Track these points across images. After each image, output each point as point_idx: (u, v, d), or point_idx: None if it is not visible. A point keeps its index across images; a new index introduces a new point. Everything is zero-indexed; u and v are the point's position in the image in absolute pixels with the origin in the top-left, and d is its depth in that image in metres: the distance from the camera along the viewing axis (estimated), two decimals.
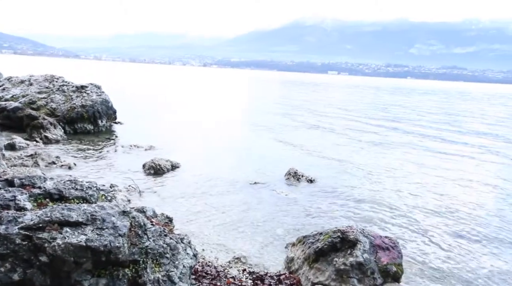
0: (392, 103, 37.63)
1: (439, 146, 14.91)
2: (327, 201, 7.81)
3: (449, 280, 5.00)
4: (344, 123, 20.05)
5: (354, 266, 4.25)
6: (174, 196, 7.60)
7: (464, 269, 5.33)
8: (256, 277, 4.69)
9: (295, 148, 12.99)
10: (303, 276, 4.62)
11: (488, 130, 20.35)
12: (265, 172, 9.73)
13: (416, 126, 20.37)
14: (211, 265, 4.90)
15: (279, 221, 6.73)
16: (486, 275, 5.20)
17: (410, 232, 6.49)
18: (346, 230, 4.59)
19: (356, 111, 26.77)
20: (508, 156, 13.67)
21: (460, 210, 7.69)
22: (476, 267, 5.42)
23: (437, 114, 28.35)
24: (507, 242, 6.30)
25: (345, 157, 11.96)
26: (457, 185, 9.49)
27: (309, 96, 42.84)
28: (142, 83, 49.96)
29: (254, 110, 25.19)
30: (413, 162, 11.80)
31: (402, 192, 8.69)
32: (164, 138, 13.05)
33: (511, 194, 9.01)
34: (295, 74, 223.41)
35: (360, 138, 15.48)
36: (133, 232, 3.09)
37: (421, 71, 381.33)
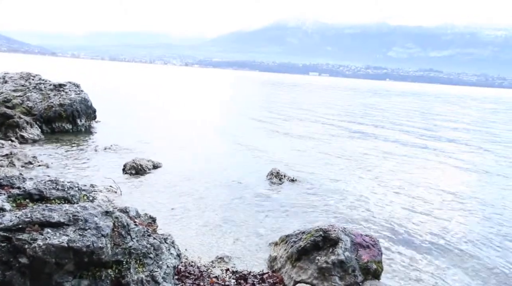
0: (372, 105, 38.36)
1: (418, 145, 15.30)
2: (309, 200, 7.91)
3: (427, 281, 5.16)
4: (326, 124, 20.32)
5: (336, 264, 4.33)
6: (157, 196, 7.54)
7: (443, 271, 5.50)
8: (239, 276, 4.71)
9: (277, 148, 13.08)
10: (286, 275, 4.68)
11: (460, 131, 21.05)
12: (247, 172, 9.76)
13: (396, 128, 20.85)
14: (194, 265, 4.89)
15: (262, 220, 6.78)
16: (463, 273, 5.39)
17: (390, 230, 6.65)
18: (328, 229, 4.67)
19: (339, 113, 27.16)
20: (479, 155, 14.18)
21: (439, 209, 7.93)
22: (453, 264, 5.61)
23: (415, 116, 29.08)
24: (484, 240, 6.54)
25: (327, 157, 12.13)
26: (435, 185, 9.77)
27: (291, 97, 43.16)
28: (122, 82, 49.12)
29: (237, 111, 25.18)
30: (394, 162, 12.07)
31: (383, 191, 8.89)
32: (145, 138, 12.89)
33: (486, 193, 9.36)
34: (277, 75, 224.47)
35: (342, 140, 15.73)
36: (116, 232, 3.06)
37: (399, 74, 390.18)
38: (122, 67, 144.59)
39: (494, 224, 7.30)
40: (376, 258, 4.59)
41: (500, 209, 8.24)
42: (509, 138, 19.20)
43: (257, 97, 40.24)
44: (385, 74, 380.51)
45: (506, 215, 7.85)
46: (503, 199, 8.94)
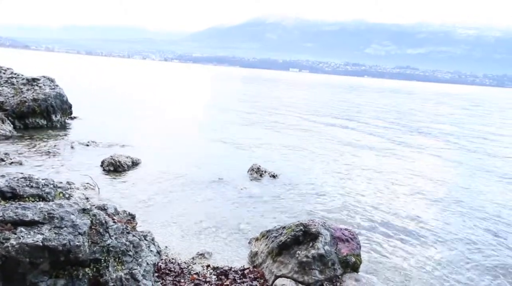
0: (351, 101, 38.94)
1: (394, 140, 15.65)
2: (290, 195, 7.97)
3: (404, 270, 5.30)
4: (305, 119, 20.49)
5: (316, 258, 4.39)
6: (136, 193, 7.41)
7: (418, 259, 5.67)
8: (220, 272, 4.71)
9: (258, 144, 13.10)
10: (267, 270, 4.71)
11: (433, 126, 21.68)
12: (228, 168, 9.74)
13: (373, 123, 21.25)
14: (174, 262, 4.85)
15: (243, 216, 6.78)
16: (440, 262, 5.57)
17: (369, 223, 6.79)
18: (308, 224, 4.72)
19: (317, 109, 27.43)
20: (449, 149, 14.65)
21: (415, 201, 8.15)
22: (430, 254, 5.79)
23: (391, 112, 29.71)
24: (459, 234, 6.77)
25: (306, 152, 12.24)
26: (411, 177, 10.03)
27: (272, 93, 43.25)
28: (99, 76, 47.89)
29: (218, 106, 25.03)
30: (371, 156, 12.31)
31: (361, 185, 9.06)
32: (124, 134, 12.64)
33: (457, 183, 9.69)
34: (258, 71, 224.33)
35: (321, 134, 15.91)
36: (94, 230, 2.99)
37: (377, 71, 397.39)
38: (99, 61, 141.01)
39: (468, 213, 7.56)
40: (355, 251, 4.69)
41: (472, 198, 8.54)
42: (476, 133, 19.91)
43: (238, 93, 40.12)
44: (363, 71, 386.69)
45: (478, 204, 8.14)
46: (474, 189, 9.28)
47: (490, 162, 13.01)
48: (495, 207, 8.24)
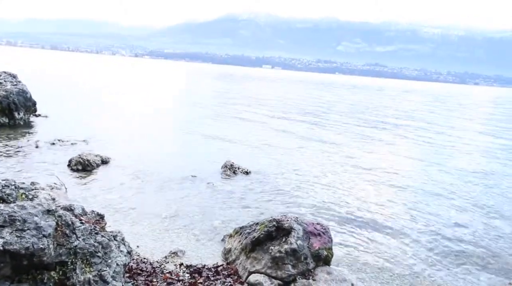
0: (322, 97, 39.55)
1: (362, 134, 16.06)
2: (263, 192, 8.01)
3: (374, 261, 5.46)
4: (278, 116, 20.62)
5: (289, 253, 4.44)
6: (106, 192, 7.22)
7: (387, 250, 5.85)
8: (193, 270, 4.67)
9: (231, 141, 13.07)
10: (240, 266, 4.72)
11: (398, 121, 22.43)
12: (201, 165, 9.66)
13: (342, 119, 21.69)
14: (146, 262, 4.77)
15: (216, 213, 6.76)
16: (407, 253, 5.78)
17: (340, 217, 6.94)
18: (281, 219, 4.76)
19: (290, 105, 27.68)
20: (414, 142, 15.22)
21: (384, 194, 8.40)
22: (397, 248, 5.99)
23: (359, 108, 30.43)
24: (424, 224, 7.04)
25: (279, 148, 12.33)
26: (379, 170, 10.33)
27: (245, 89, 43.21)
28: (66, 72, 46.08)
29: (189, 103, 24.73)
30: (341, 151, 12.56)
31: (332, 180, 9.23)
32: (92, 131, 12.25)
33: (420, 175, 10.07)
34: (231, 67, 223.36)
35: (292, 131, 16.07)
36: (60, 231, 2.88)
37: (348, 68, 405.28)
38: (65, 56, 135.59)
39: (431, 204, 7.87)
40: (327, 245, 4.78)
41: (435, 189, 8.90)
42: (437, 128, 20.76)
43: (211, 89, 39.80)
44: (334, 68, 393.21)
45: (441, 194, 8.49)
46: (436, 180, 9.66)
47: (449, 154, 13.60)
48: (456, 197, 8.62)
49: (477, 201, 8.48)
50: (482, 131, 21.39)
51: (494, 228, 6.99)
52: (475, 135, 19.20)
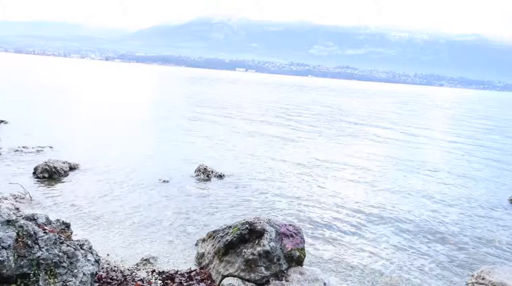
0: (295, 99, 40.02)
1: (334, 136, 16.37)
2: (237, 195, 8.00)
3: (346, 260, 5.57)
4: (251, 119, 20.68)
5: (262, 255, 4.45)
6: (73, 200, 6.98)
7: (359, 249, 5.98)
8: (166, 276, 4.60)
9: (204, 144, 12.98)
10: (214, 270, 4.68)
11: (366, 121, 23.06)
12: (173, 169, 9.54)
13: (312, 119, 22.04)
14: (117, 270, 4.65)
15: (190, 218, 6.68)
16: (375, 255, 5.92)
17: (312, 217, 7.04)
18: (253, 221, 4.77)
19: (263, 108, 27.82)
20: (384, 142, 15.69)
21: (355, 194, 8.58)
22: (367, 245, 6.13)
23: (332, 110, 31.03)
24: (392, 222, 7.24)
25: (252, 151, 12.37)
26: (347, 171, 10.55)
27: (218, 93, 43.05)
28: (30, 76, 44.26)
29: (161, 107, 24.37)
30: (311, 151, 12.74)
31: (305, 180, 9.35)
32: (59, 137, 11.83)
33: (388, 173, 10.38)
34: (204, 71, 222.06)
35: (266, 133, 16.16)
36: (21, 242, 2.76)
37: (320, 70, 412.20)
38: (30, 60, 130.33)
39: (399, 202, 8.13)
40: (299, 245, 4.82)
41: (402, 187, 9.19)
42: (405, 127, 21.50)
43: (184, 93, 39.39)
44: (307, 71, 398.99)
45: (412, 194, 8.78)
46: (403, 178, 9.99)
47: (415, 153, 14.10)
48: (423, 194, 8.94)
49: (443, 197, 8.81)
50: (444, 130, 22.31)
51: (459, 224, 7.30)
52: (437, 134, 19.99)
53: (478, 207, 8.27)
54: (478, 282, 4.81)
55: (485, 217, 7.71)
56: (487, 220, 7.55)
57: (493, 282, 4.65)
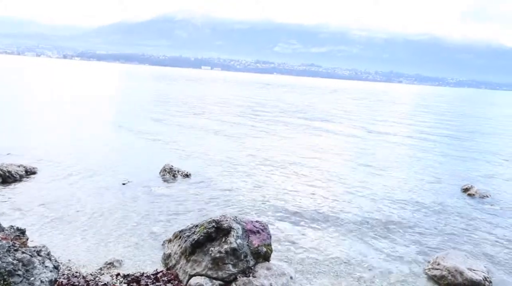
0: (260, 97, 40.25)
1: (297, 131, 16.66)
2: (204, 193, 7.95)
3: (312, 254, 5.70)
4: (215, 118, 20.58)
5: (229, 253, 4.47)
6: (30, 205, 6.64)
7: (324, 243, 6.14)
8: (131, 279, 4.50)
9: (169, 144, 12.78)
10: (181, 270, 4.64)
11: (329, 117, 23.69)
12: (138, 170, 9.31)
13: (276, 116, 22.30)
14: (79, 275, 4.49)
15: (155, 218, 6.57)
16: (339, 247, 6.10)
17: (278, 213, 7.13)
18: (220, 220, 4.78)
19: (227, 106, 27.76)
20: (343, 137, 16.20)
21: (318, 189, 8.79)
22: (333, 239, 6.31)
23: (297, 107, 31.53)
24: (355, 215, 7.49)
25: (217, 149, 12.32)
26: (310, 166, 10.79)
27: (184, 91, 42.41)
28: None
29: (123, 107, 23.68)
30: (274, 148, 12.89)
31: (269, 178, 9.44)
32: (15, 140, 11.20)
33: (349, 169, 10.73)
34: (168, 69, 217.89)
35: (230, 132, 16.16)
36: None
37: (285, 68, 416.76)
38: None
39: (359, 195, 8.42)
40: (266, 241, 4.89)
41: (362, 180, 9.53)
42: (363, 122, 22.32)
43: (148, 91, 38.45)
44: (272, 68, 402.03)
45: (367, 185, 9.12)
46: (361, 173, 10.37)
47: (371, 148, 14.67)
48: (378, 188, 9.32)
49: (398, 190, 9.23)
50: (398, 124, 23.33)
51: (416, 215, 7.67)
52: (391, 128, 20.87)
53: (433, 198, 8.74)
54: (434, 267, 5.10)
55: (440, 207, 8.16)
56: (441, 209, 7.99)
57: (447, 267, 4.95)
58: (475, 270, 4.91)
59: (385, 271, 5.28)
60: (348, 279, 4.99)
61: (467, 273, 4.84)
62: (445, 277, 4.89)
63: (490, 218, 7.63)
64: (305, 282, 4.87)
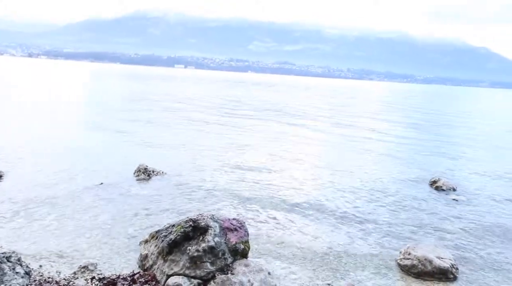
0: (234, 95, 40.23)
1: (274, 129, 16.82)
2: (180, 193, 7.90)
3: (290, 250, 5.79)
4: (189, 117, 20.41)
5: (207, 251, 4.48)
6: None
7: (303, 238, 6.25)
8: (107, 282, 4.43)
9: (143, 143, 12.57)
10: (158, 271, 4.61)
11: (300, 113, 24.06)
12: (112, 171, 9.12)
13: (251, 113, 22.40)
14: (51, 281, 4.37)
15: (131, 220, 6.47)
16: (318, 242, 6.23)
17: (255, 211, 7.19)
18: (197, 218, 4.77)
19: (201, 104, 27.58)
20: (316, 131, 16.52)
21: (296, 184, 8.92)
22: (311, 233, 6.44)
23: (273, 105, 31.75)
24: (333, 207, 7.66)
25: (192, 148, 12.25)
26: (286, 162, 10.93)
27: (153, 90, 41.72)
28: None
29: (93, 106, 23.04)
30: (248, 144, 12.97)
31: (246, 175, 9.49)
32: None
33: (323, 159, 10.96)
34: (141, 68, 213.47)
35: (205, 129, 16.09)
36: None
37: (259, 66, 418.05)
38: None
39: (337, 187, 8.63)
40: (244, 238, 4.92)
41: (339, 172, 9.77)
42: (334, 119, 22.84)
43: (119, 91, 37.57)
44: (247, 67, 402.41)
45: (345, 176, 9.35)
46: (340, 164, 10.62)
47: (341, 144, 15.05)
48: (348, 181, 9.58)
49: (368, 183, 9.51)
50: (368, 119, 24.00)
51: (386, 208, 7.94)
52: (361, 123, 21.45)
53: (402, 191, 9.05)
54: (405, 257, 5.31)
55: (409, 200, 8.47)
56: (410, 202, 8.31)
57: (417, 256, 5.16)
58: (443, 258, 5.15)
59: (359, 263, 5.44)
60: (324, 273, 5.12)
61: (436, 261, 5.07)
62: (416, 266, 5.10)
63: (457, 209, 8.01)
64: (283, 276, 4.95)
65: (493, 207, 8.28)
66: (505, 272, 5.45)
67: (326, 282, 4.85)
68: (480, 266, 5.55)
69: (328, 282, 4.85)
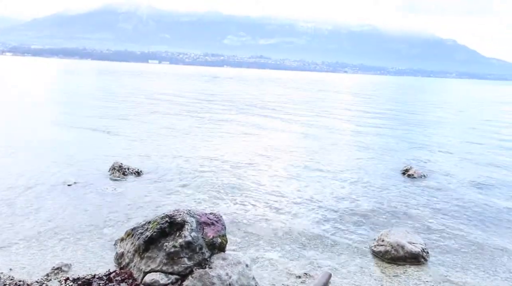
0: (209, 89, 39.94)
1: (251, 122, 16.85)
2: (156, 190, 7.81)
3: (267, 241, 5.85)
4: (162, 112, 20.15)
5: (184, 246, 4.46)
6: None
7: (280, 230, 6.32)
8: (82, 282, 4.34)
9: (116, 141, 12.31)
10: (135, 268, 4.56)
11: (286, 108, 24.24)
12: (85, 169, 8.90)
13: (223, 108, 22.35)
14: (23, 284, 4.24)
15: (106, 219, 6.35)
16: (296, 233, 6.33)
17: (233, 204, 7.21)
18: (173, 214, 4.74)
19: (175, 100, 27.25)
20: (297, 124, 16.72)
21: (274, 175, 8.99)
22: (287, 224, 6.52)
23: (250, 99, 31.76)
24: (312, 200, 7.78)
25: (167, 145, 12.11)
26: (265, 154, 11.01)
27: (126, 86, 40.81)
28: None
29: (63, 104, 22.30)
30: (224, 139, 12.96)
31: (221, 170, 9.48)
32: None
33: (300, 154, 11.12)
34: (113, 64, 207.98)
35: (177, 126, 15.92)
36: None
37: (235, 60, 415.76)
38: None
39: (317, 179, 8.77)
40: (221, 232, 4.93)
41: (318, 164, 9.92)
42: (317, 111, 23.16)
43: (90, 88, 36.51)
44: (222, 61, 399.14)
45: (324, 169, 9.51)
46: (318, 157, 10.79)
47: (315, 135, 15.30)
48: (340, 170, 9.77)
49: (341, 174, 9.72)
50: (340, 110, 24.46)
51: (361, 196, 8.15)
52: (333, 114, 21.85)
53: (375, 180, 9.30)
54: (379, 244, 5.48)
55: (382, 188, 8.72)
56: (383, 190, 8.55)
57: (390, 242, 5.34)
58: (415, 243, 5.35)
59: (335, 251, 5.58)
60: (301, 262, 5.21)
61: (408, 246, 5.27)
62: (389, 252, 5.28)
63: (427, 195, 8.32)
64: (261, 268, 5.01)
65: (461, 192, 8.66)
66: (472, 253, 5.72)
67: (303, 271, 4.94)
68: (449, 249, 5.81)
69: (305, 271, 4.94)
